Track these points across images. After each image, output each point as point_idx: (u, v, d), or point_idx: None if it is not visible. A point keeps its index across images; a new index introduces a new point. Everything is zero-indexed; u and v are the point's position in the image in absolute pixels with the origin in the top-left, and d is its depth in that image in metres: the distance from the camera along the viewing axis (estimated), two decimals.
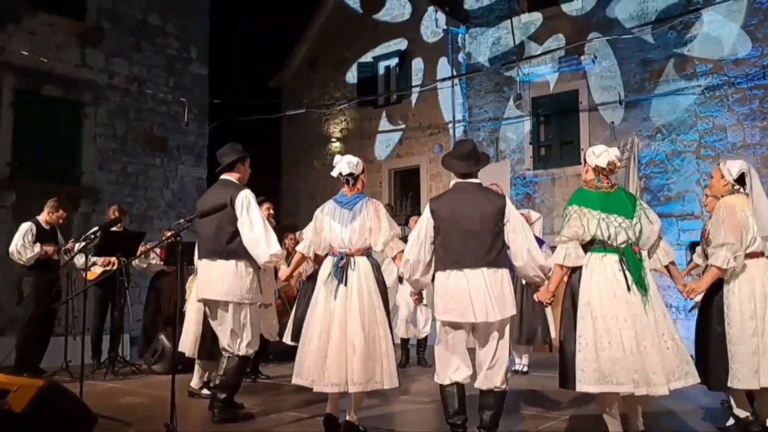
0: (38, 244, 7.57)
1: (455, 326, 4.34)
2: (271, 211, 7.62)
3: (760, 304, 4.54)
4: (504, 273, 4.31)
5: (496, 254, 4.29)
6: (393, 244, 4.81)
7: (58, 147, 11.38)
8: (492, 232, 4.30)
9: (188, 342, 6.28)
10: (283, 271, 5.39)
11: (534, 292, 4.88)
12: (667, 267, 4.44)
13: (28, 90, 11.05)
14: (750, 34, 10.31)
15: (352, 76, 15.18)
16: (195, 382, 6.36)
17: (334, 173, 4.96)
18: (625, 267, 4.09)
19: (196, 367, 6.38)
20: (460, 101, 13.48)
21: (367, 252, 4.83)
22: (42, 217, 7.82)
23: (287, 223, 12.83)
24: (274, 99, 16.05)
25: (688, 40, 10.84)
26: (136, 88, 12.39)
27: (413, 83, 14.02)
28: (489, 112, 13.12)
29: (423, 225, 4.44)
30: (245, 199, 5.15)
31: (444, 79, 13.34)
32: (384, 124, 14.63)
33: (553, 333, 8.05)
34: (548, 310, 7.58)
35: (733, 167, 4.86)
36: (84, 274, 7.05)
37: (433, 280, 4.50)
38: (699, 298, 4.86)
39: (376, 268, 4.84)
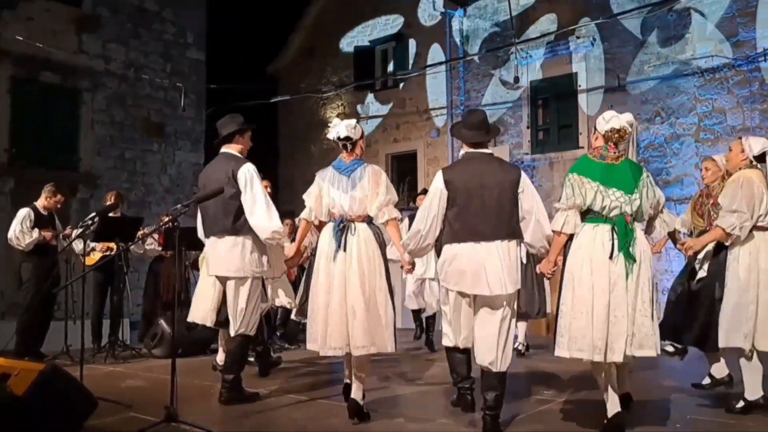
0: (36, 230, 7.60)
1: (465, 296, 4.35)
2: (269, 190, 7.59)
3: (763, 275, 4.64)
4: (514, 244, 4.30)
5: (513, 225, 4.29)
6: (387, 209, 4.72)
7: (55, 134, 11.36)
8: (510, 203, 4.28)
9: (204, 310, 6.27)
10: (289, 247, 5.32)
11: (536, 265, 4.95)
12: (669, 234, 4.56)
13: (26, 77, 11.01)
14: (751, 16, 10.27)
15: (348, 61, 15.13)
16: (221, 357, 6.48)
17: (331, 136, 4.90)
18: (615, 236, 4.09)
19: (221, 341, 6.53)
20: (458, 85, 13.45)
21: (369, 219, 4.76)
22: (40, 203, 7.83)
23: (285, 209, 12.81)
24: (270, 85, 16.01)
25: (688, 23, 10.80)
26: (133, 74, 12.35)
27: (410, 67, 13.98)
28: (487, 96, 13.09)
29: (436, 195, 4.35)
30: (248, 173, 5.09)
31: (441, 63, 13.29)
32: (381, 108, 14.60)
33: (549, 307, 8.08)
34: (547, 284, 7.60)
35: (755, 144, 4.89)
36: (83, 259, 7.07)
37: (438, 252, 4.51)
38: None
39: (378, 235, 4.78)
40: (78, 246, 7.53)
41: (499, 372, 4.27)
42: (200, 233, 5.61)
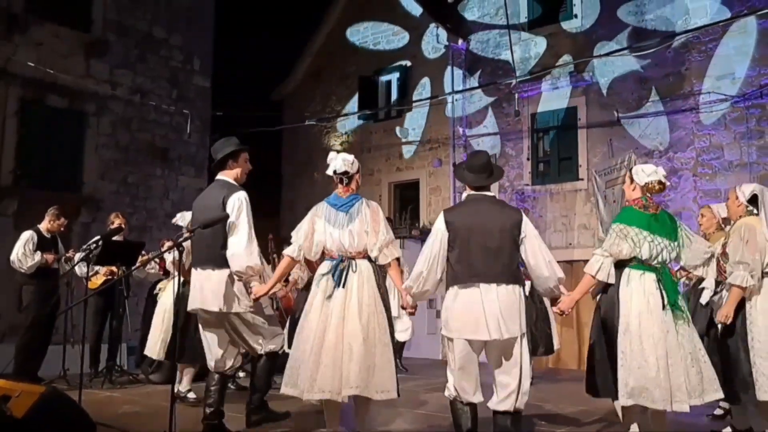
0: (39, 253, 7.64)
1: (469, 344, 4.19)
2: (272, 246, 7.68)
3: None
4: (520, 289, 4.24)
5: (513, 269, 4.23)
6: (387, 250, 4.57)
7: (60, 156, 11.46)
8: (510, 247, 4.22)
9: (153, 345, 6.44)
10: (257, 288, 4.82)
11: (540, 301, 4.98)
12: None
13: (33, 100, 11.14)
14: (748, 54, 10.41)
15: (353, 90, 15.29)
16: (184, 385, 6.61)
17: (329, 171, 4.78)
18: (661, 286, 4.20)
19: (178, 371, 6.58)
20: (460, 116, 13.58)
21: (368, 255, 4.61)
22: (43, 226, 7.88)
23: (287, 236, 12.87)
24: (275, 112, 16.17)
25: (686, 59, 10.95)
26: (139, 99, 12.49)
27: (414, 98, 14.13)
28: (488, 127, 13.22)
29: (438, 237, 4.28)
30: (237, 201, 4.81)
31: (444, 95, 13.44)
32: (384, 138, 14.73)
33: (556, 343, 8.18)
34: (553, 322, 7.66)
35: (747, 189, 5.04)
36: (86, 283, 7.12)
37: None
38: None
39: (377, 273, 4.62)
40: (81, 269, 7.58)
41: (516, 414, 4.18)
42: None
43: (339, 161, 4.74)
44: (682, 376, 4.07)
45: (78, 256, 7.62)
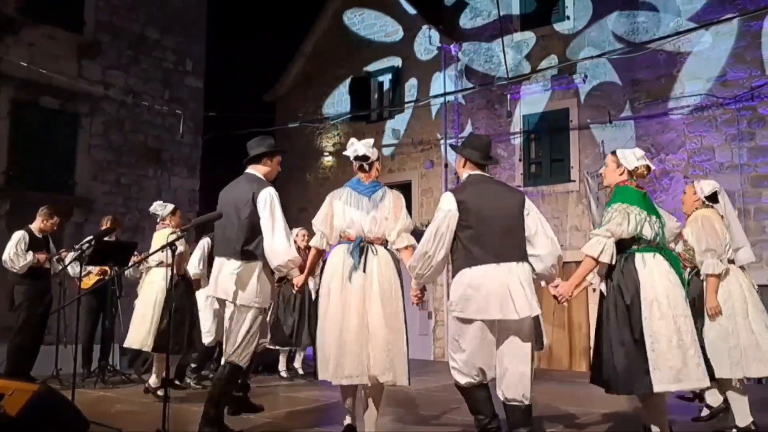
0: (30, 253, 7.61)
1: (486, 324, 4.06)
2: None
3: (737, 303, 4.90)
4: (528, 266, 4.14)
5: (523, 247, 4.16)
6: (406, 235, 4.55)
7: (53, 157, 11.44)
8: (519, 225, 4.16)
9: (142, 334, 6.59)
10: (298, 279, 4.92)
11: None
12: None
13: (26, 101, 11.12)
14: (738, 56, 10.50)
15: (345, 91, 15.33)
16: (153, 381, 6.64)
17: (348, 153, 4.75)
18: (673, 267, 4.21)
19: (155, 364, 6.66)
20: (453, 118, 13.63)
21: (386, 242, 4.57)
22: (35, 226, 7.85)
23: None
24: (268, 113, 16.19)
25: (678, 61, 11.02)
26: (131, 100, 12.47)
27: (407, 99, 14.17)
28: (480, 128, 13.26)
29: (446, 218, 4.12)
30: (268, 197, 4.75)
31: (436, 96, 13.49)
32: (377, 139, 14.75)
33: (545, 339, 8.19)
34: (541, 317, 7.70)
35: (706, 186, 5.21)
36: (78, 283, 7.10)
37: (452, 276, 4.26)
38: None
39: (395, 260, 4.56)
40: (74, 269, 7.57)
41: (528, 405, 4.06)
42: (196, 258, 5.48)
43: (360, 145, 4.71)
44: (695, 353, 4.10)
45: (70, 256, 7.60)
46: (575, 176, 11.90)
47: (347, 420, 4.58)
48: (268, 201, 4.72)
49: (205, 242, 7.56)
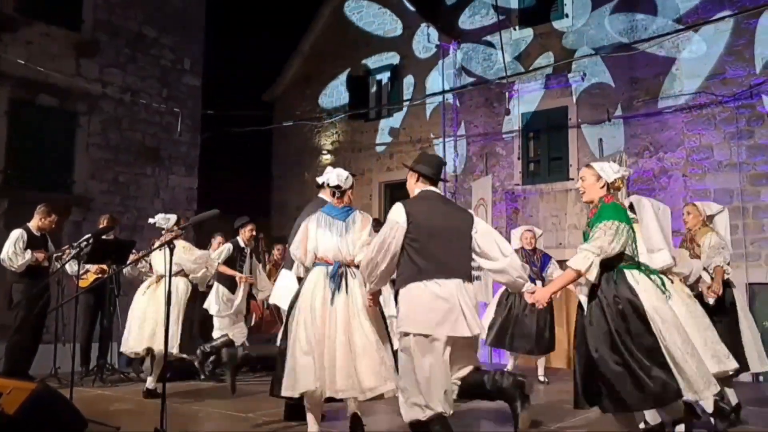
0: (29, 251, 7.59)
1: (437, 341, 4.00)
2: (254, 233, 7.87)
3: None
4: (472, 287, 4.23)
5: (469, 267, 4.25)
6: (365, 248, 4.59)
7: (51, 156, 11.42)
8: (467, 245, 4.23)
9: (143, 339, 6.67)
10: None
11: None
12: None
13: (24, 99, 11.10)
14: (737, 54, 10.50)
15: (343, 89, 15.32)
16: (152, 383, 6.62)
17: (320, 180, 4.92)
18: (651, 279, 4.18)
19: (154, 366, 6.68)
20: (451, 116, 13.62)
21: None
22: (33, 224, 7.83)
23: (279, 235, 12.88)
24: (266, 112, 16.17)
25: (676, 59, 11.02)
26: (129, 99, 12.45)
27: (405, 97, 14.16)
28: (479, 127, 13.26)
29: (393, 229, 4.13)
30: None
31: (435, 94, 13.48)
32: (375, 137, 14.75)
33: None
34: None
35: (707, 208, 6.08)
36: (76, 282, 7.08)
37: (396, 291, 4.32)
38: None
39: None
40: (72, 268, 7.55)
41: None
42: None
43: (333, 175, 4.84)
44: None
45: (69, 254, 7.58)
46: (574, 174, 11.89)
47: (314, 427, 4.61)
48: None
49: None
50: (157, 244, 7.91)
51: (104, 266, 8.14)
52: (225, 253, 7.87)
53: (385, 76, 14.83)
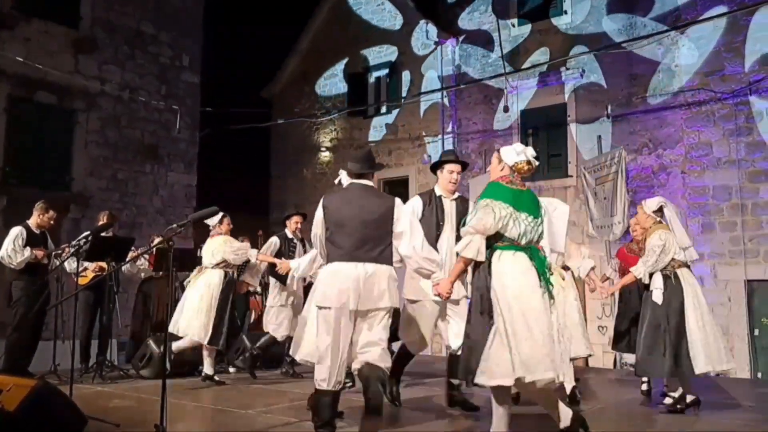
0: (28, 249, 7.58)
1: (340, 313, 4.40)
2: (299, 224, 8.09)
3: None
4: (387, 268, 4.49)
5: (379, 252, 4.48)
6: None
7: (50, 153, 11.43)
8: (384, 230, 4.51)
9: (195, 328, 7.02)
10: None
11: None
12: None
13: (22, 96, 11.10)
14: (736, 51, 10.49)
15: (342, 86, 15.32)
16: (210, 369, 7.17)
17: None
18: (534, 265, 4.17)
19: (205, 353, 7.18)
20: (450, 113, 13.62)
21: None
22: (32, 221, 7.82)
23: (275, 231, 12.86)
24: (265, 109, 16.16)
25: (676, 56, 11.02)
26: (128, 96, 12.45)
27: (403, 94, 14.16)
28: (478, 123, 13.26)
29: (318, 219, 4.68)
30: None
31: (433, 91, 13.47)
32: (374, 134, 14.75)
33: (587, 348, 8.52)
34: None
35: (652, 203, 6.07)
36: (75, 279, 7.08)
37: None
38: None
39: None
40: (71, 265, 7.55)
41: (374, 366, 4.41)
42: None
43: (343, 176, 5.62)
44: (558, 352, 4.11)
45: (68, 251, 7.58)
46: (572, 171, 11.90)
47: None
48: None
49: None
50: (156, 241, 7.93)
51: (103, 263, 8.13)
52: (272, 247, 7.88)
53: (383, 73, 14.82)
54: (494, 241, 4.18)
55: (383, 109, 14.80)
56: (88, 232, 6.99)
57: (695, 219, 10.59)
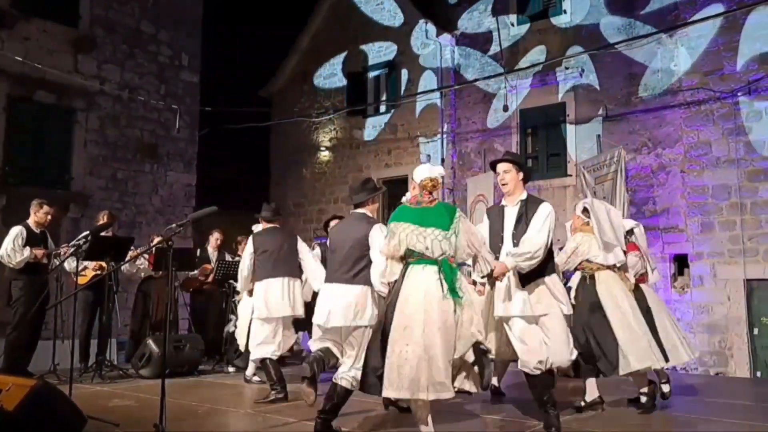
0: (28, 248, 7.60)
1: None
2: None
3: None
4: (362, 288, 4.94)
5: (354, 273, 4.98)
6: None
7: (49, 152, 11.42)
8: (356, 255, 5.01)
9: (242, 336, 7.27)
10: None
11: None
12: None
13: (21, 96, 11.09)
14: (734, 50, 10.48)
15: (341, 85, 15.32)
16: (250, 371, 7.46)
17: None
18: (441, 276, 4.35)
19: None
20: (449, 112, 13.62)
21: None
22: (31, 221, 7.83)
23: None
24: (264, 108, 16.15)
25: (675, 55, 11.01)
26: (127, 95, 12.44)
27: (403, 93, 14.15)
28: (477, 123, 13.25)
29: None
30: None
31: (432, 90, 13.47)
32: (373, 133, 14.74)
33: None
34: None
35: (579, 206, 6.38)
36: (75, 278, 7.08)
37: None
38: None
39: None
40: (71, 264, 7.55)
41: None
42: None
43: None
44: (446, 361, 4.23)
45: (67, 251, 7.59)
46: (572, 171, 11.89)
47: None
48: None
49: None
50: (155, 241, 7.92)
51: (103, 263, 8.14)
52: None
53: (382, 72, 14.81)
54: (407, 257, 4.48)
55: (382, 108, 14.79)
56: (88, 232, 7.01)
57: (694, 218, 10.59)
